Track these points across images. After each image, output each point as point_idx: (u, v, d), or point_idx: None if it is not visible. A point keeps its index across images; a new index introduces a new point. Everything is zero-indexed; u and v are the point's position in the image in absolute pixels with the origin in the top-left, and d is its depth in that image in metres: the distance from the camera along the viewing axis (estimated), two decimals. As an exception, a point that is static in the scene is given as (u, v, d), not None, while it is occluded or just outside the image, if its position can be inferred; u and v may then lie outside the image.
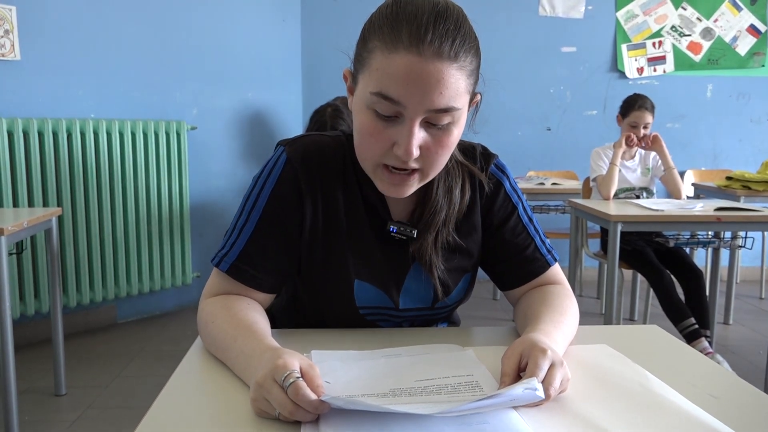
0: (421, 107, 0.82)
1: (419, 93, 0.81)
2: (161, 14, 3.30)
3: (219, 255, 0.97)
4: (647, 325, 1.07)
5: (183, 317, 3.46)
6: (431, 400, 0.72)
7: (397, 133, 0.84)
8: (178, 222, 3.40)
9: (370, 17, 0.88)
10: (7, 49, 2.79)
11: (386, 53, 0.81)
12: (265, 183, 0.96)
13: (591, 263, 4.22)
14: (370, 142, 0.86)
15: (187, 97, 3.46)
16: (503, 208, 1.04)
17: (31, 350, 2.88)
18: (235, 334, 0.84)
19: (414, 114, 0.82)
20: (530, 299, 1.01)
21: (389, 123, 0.84)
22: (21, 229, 2.07)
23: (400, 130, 0.84)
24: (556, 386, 0.73)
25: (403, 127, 0.84)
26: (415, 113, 0.82)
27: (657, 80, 4.35)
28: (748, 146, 4.45)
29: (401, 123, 0.84)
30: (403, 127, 0.84)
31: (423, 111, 0.82)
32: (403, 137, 0.84)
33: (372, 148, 0.87)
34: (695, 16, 4.31)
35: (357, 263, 0.99)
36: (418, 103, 0.81)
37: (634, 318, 3.54)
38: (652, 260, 2.86)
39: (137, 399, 2.41)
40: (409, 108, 0.82)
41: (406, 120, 0.83)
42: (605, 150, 3.17)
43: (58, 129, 2.89)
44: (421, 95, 0.81)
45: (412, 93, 0.81)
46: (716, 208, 2.62)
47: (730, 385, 0.82)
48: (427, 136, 0.85)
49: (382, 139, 0.85)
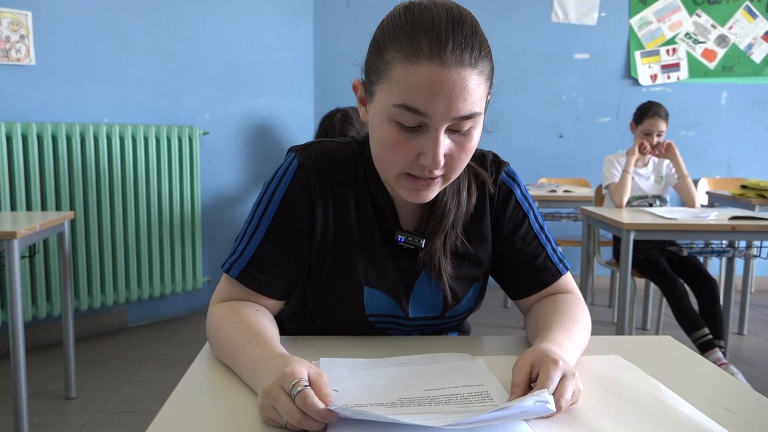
0: (447, 116, 0.81)
1: (444, 102, 0.80)
2: (175, 20, 3.33)
3: (229, 261, 0.97)
4: (660, 336, 1.06)
5: (193, 322, 3.47)
6: (440, 411, 0.72)
7: (422, 143, 0.84)
8: (190, 227, 3.41)
9: (382, 26, 0.87)
10: (23, 54, 2.82)
11: (407, 65, 0.81)
12: (276, 189, 0.96)
13: (603, 271, 4.19)
14: (395, 154, 0.86)
15: (200, 103, 3.48)
16: (514, 216, 1.04)
17: (42, 353, 2.90)
18: (244, 341, 0.84)
19: (439, 123, 0.82)
20: (541, 308, 1.00)
21: (413, 133, 0.84)
22: (34, 233, 2.08)
23: (425, 140, 0.83)
24: (568, 398, 0.71)
25: (428, 136, 0.83)
26: (440, 123, 0.82)
27: (671, 88, 4.32)
28: (763, 154, 4.40)
29: (426, 132, 0.83)
30: (428, 137, 0.83)
31: (448, 119, 0.82)
32: (429, 147, 0.83)
33: (397, 160, 0.86)
34: (710, 23, 4.28)
35: (367, 271, 0.99)
36: (444, 112, 0.81)
37: (646, 327, 3.51)
38: (666, 269, 2.83)
39: (147, 403, 2.41)
40: (435, 118, 0.81)
41: (431, 129, 0.83)
42: (618, 158, 3.15)
43: (71, 133, 2.91)
44: (447, 105, 0.80)
45: (438, 103, 0.80)
46: (731, 217, 2.60)
47: (744, 398, 0.81)
48: (450, 143, 0.85)
49: (407, 150, 0.85)
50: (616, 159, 3.15)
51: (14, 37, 2.79)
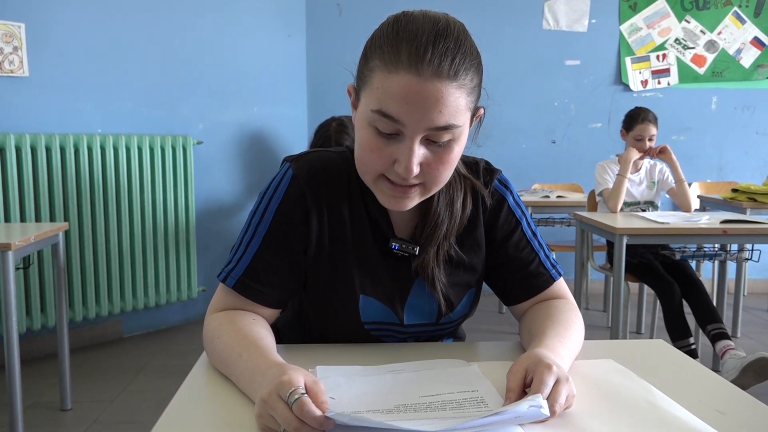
0: (421, 126, 0.82)
1: (419, 112, 0.81)
2: (167, 30, 3.33)
3: (225, 270, 0.97)
4: (653, 340, 1.07)
5: (188, 331, 3.46)
6: (436, 416, 0.72)
7: (397, 151, 0.85)
8: (184, 236, 3.41)
9: (372, 34, 0.89)
10: (16, 66, 2.83)
11: (386, 73, 0.82)
12: (271, 199, 0.97)
13: (597, 276, 4.20)
14: (371, 158, 0.87)
15: (193, 112, 3.49)
16: (507, 222, 1.05)
17: (37, 365, 2.88)
18: (241, 350, 0.84)
19: (414, 133, 0.83)
20: (535, 314, 1.01)
21: (390, 140, 0.85)
22: (28, 244, 2.08)
23: (401, 147, 0.85)
24: (562, 402, 0.72)
25: (403, 144, 0.85)
26: (414, 132, 0.83)
27: (661, 93, 4.36)
28: (753, 158, 4.44)
29: (401, 140, 0.85)
30: (403, 145, 0.85)
31: (423, 129, 0.83)
32: (403, 155, 0.85)
33: (374, 163, 0.88)
34: (699, 29, 4.32)
35: (362, 279, 1.00)
36: (418, 122, 0.82)
37: (641, 331, 3.52)
38: (661, 272, 2.84)
39: (143, 414, 2.40)
40: (409, 126, 0.83)
41: (406, 138, 0.84)
42: (609, 164, 3.17)
43: (65, 144, 2.91)
44: (421, 114, 0.82)
45: (412, 112, 0.81)
46: (722, 221, 2.61)
47: (737, 401, 0.82)
48: (427, 152, 0.86)
49: (383, 156, 0.86)
50: (608, 165, 3.16)
51: (7, 49, 2.79)
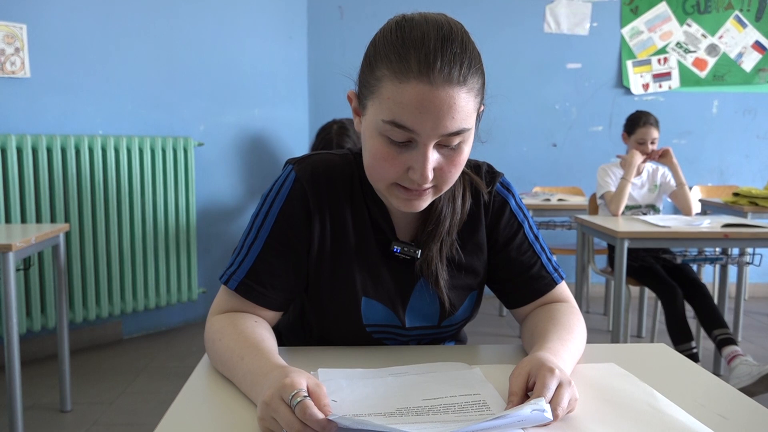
0: (435, 133, 0.83)
1: (432, 120, 0.82)
2: (169, 32, 3.34)
3: (227, 273, 0.97)
4: (655, 344, 1.07)
5: (188, 333, 3.45)
6: (438, 420, 0.72)
7: (411, 158, 0.85)
8: (185, 238, 3.41)
9: (374, 41, 0.88)
10: (17, 67, 2.83)
11: (396, 82, 0.82)
12: (273, 201, 0.97)
13: (598, 279, 4.20)
14: (384, 167, 0.87)
15: (194, 114, 3.49)
16: (509, 226, 1.05)
17: (37, 366, 2.88)
18: (243, 353, 0.84)
19: (427, 140, 0.83)
20: (537, 317, 1.01)
21: (402, 148, 0.85)
22: (29, 245, 2.08)
23: (414, 155, 0.85)
24: (564, 406, 0.72)
25: (416, 152, 0.85)
26: (428, 139, 0.83)
27: (662, 96, 4.36)
28: (754, 162, 4.44)
29: (414, 148, 0.85)
30: (416, 153, 0.85)
31: (436, 136, 0.83)
32: (418, 163, 0.85)
33: (387, 172, 0.88)
34: (700, 33, 4.32)
35: (364, 281, 1.00)
36: (432, 129, 0.82)
37: (641, 335, 3.51)
38: (663, 276, 2.84)
39: (142, 416, 2.40)
40: (423, 135, 0.83)
41: (420, 145, 0.84)
42: (611, 167, 3.17)
43: (66, 145, 2.91)
44: (434, 122, 0.82)
45: (425, 121, 0.82)
46: (723, 225, 2.61)
47: (739, 405, 0.81)
48: (440, 157, 0.86)
49: (396, 164, 0.86)
50: (610, 168, 3.16)
51: (9, 50, 2.80)
